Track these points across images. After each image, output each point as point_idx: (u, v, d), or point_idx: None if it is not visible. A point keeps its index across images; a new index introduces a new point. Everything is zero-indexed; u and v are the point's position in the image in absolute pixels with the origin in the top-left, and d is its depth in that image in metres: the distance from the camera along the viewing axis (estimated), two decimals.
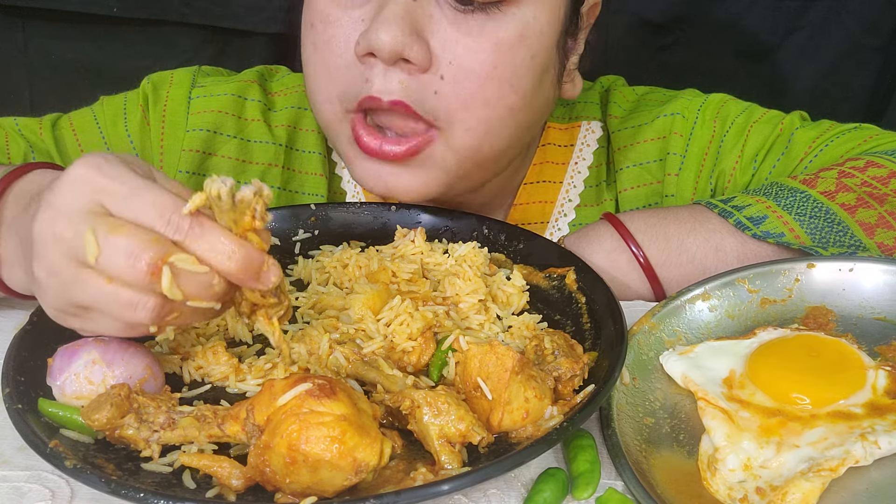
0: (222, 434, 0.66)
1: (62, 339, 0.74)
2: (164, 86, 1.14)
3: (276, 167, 1.14)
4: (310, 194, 1.16)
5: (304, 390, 0.61)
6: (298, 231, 1.00)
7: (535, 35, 0.92)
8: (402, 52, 0.87)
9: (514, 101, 0.93)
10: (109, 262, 0.62)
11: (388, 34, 0.86)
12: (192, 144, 1.12)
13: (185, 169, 1.12)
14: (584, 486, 0.67)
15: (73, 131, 1.12)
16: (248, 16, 1.73)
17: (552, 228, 1.17)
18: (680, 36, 1.75)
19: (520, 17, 0.91)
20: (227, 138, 1.14)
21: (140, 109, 1.13)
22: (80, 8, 1.72)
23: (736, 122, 1.13)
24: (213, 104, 1.14)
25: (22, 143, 1.09)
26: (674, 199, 1.15)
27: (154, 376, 0.72)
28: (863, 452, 0.67)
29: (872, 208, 0.93)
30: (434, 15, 0.89)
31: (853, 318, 0.84)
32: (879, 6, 1.68)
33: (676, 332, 0.84)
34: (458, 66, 0.90)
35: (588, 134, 1.18)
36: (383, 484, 0.64)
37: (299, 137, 1.16)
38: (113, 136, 1.12)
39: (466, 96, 0.91)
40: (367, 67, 0.90)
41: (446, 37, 0.89)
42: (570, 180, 1.16)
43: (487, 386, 0.69)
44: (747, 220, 0.93)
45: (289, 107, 1.16)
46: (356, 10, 0.91)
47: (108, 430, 0.66)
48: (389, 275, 0.88)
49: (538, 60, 0.94)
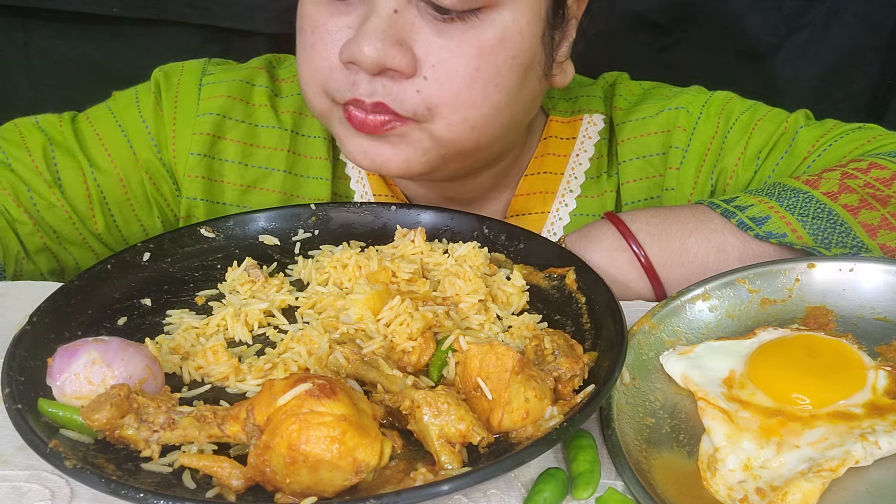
0: (222, 434, 0.66)
1: (62, 339, 0.74)
2: (175, 74, 1.17)
3: (281, 151, 1.17)
4: (314, 178, 1.18)
5: (304, 390, 0.61)
6: (298, 231, 1.00)
7: (514, 36, 0.94)
8: (385, 64, 0.91)
9: (498, 99, 0.96)
10: None
11: (370, 47, 0.89)
12: (203, 128, 1.15)
13: (197, 151, 1.15)
14: (584, 486, 0.67)
15: (90, 124, 1.15)
16: (250, 16, 1.73)
17: (553, 218, 1.18)
18: (681, 36, 1.75)
19: (499, 21, 0.93)
20: (236, 122, 1.16)
21: (152, 96, 1.16)
22: (81, 8, 1.72)
23: (740, 119, 1.14)
24: (222, 89, 1.16)
25: (40, 137, 1.12)
26: (673, 192, 1.16)
27: (154, 376, 0.72)
28: (863, 453, 0.67)
29: (875, 210, 0.93)
30: (416, 24, 0.92)
31: (853, 319, 0.84)
32: (879, 6, 1.68)
33: (676, 332, 0.84)
34: (441, 69, 0.92)
35: (590, 126, 1.19)
36: (383, 484, 0.64)
37: (305, 123, 1.19)
38: (128, 122, 1.15)
39: (450, 97, 0.93)
40: (353, 73, 0.94)
41: (429, 43, 0.92)
42: (571, 171, 1.18)
43: (487, 386, 0.69)
44: (750, 221, 0.93)
45: (295, 93, 1.19)
46: (342, 17, 0.94)
47: (107, 430, 0.65)
48: (389, 275, 0.88)
49: (520, 59, 0.96)
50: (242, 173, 1.17)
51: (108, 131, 1.15)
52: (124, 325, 0.85)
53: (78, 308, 0.83)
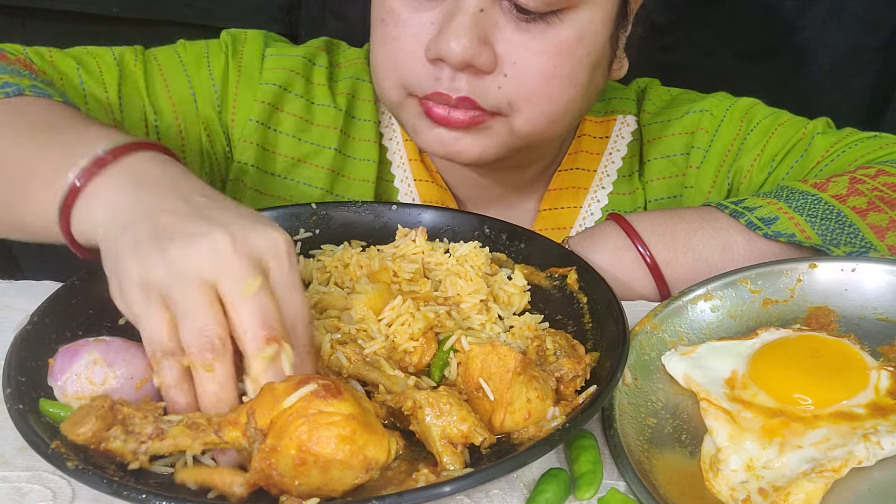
0: (220, 440, 0.64)
1: (63, 340, 0.74)
2: (240, 40, 1.20)
3: (335, 130, 1.20)
4: (362, 159, 1.21)
5: (309, 391, 0.61)
6: (299, 230, 1.00)
7: (591, 35, 0.99)
8: (471, 61, 0.94)
9: (573, 94, 1.01)
10: (186, 318, 0.65)
11: (458, 45, 0.93)
12: (264, 97, 1.17)
13: (256, 118, 1.17)
14: (587, 487, 0.67)
15: (159, 69, 1.15)
16: (249, 16, 1.73)
17: (585, 213, 1.21)
18: (680, 36, 1.74)
19: (577, 21, 0.97)
20: (295, 97, 1.19)
21: (223, 56, 1.18)
22: (80, 8, 1.72)
23: (762, 123, 1.17)
24: (285, 62, 1.19)
25: (115, 72, 1.12)
26: (692, 189, 1.19)
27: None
28: (865, 453, 0.67)
29: (883, 212, 0.93)
30: (499, 22, 0.96)
31: (856, 319, 0.84)
32: (879, 6, 1.68)
33: (678, 332, 0.84)
34: (521, 66, 0.97)
35: (623, 127, 1.23)
36: (385, 485, 0.63)
37: (357, 106, 1.22)
38: (196, 78, 1.16)
39: (529, 92, 0.98)
40: (436, 69, 0.97)
41: (511, 41, 0.96)
42: (603, 169, 1.22)
43: (489, 386, 0.69)
44: (759, 221, 0.93)
45: (349, 77, 1.22)
46: (426, 12, 0.98)
47: (93, 443, 0.64)
48: (390, 274, 0.88)
49: (594, 56, 1.01)
50: (296, 146, 1.19)
51: (177, 80, 1.16)
52: (126, 324, 0.84)
53: (79, 307, 0.83)
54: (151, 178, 0.74)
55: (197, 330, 0.64)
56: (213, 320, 0.65)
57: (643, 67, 1.34)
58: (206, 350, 0.64)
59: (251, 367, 0.65)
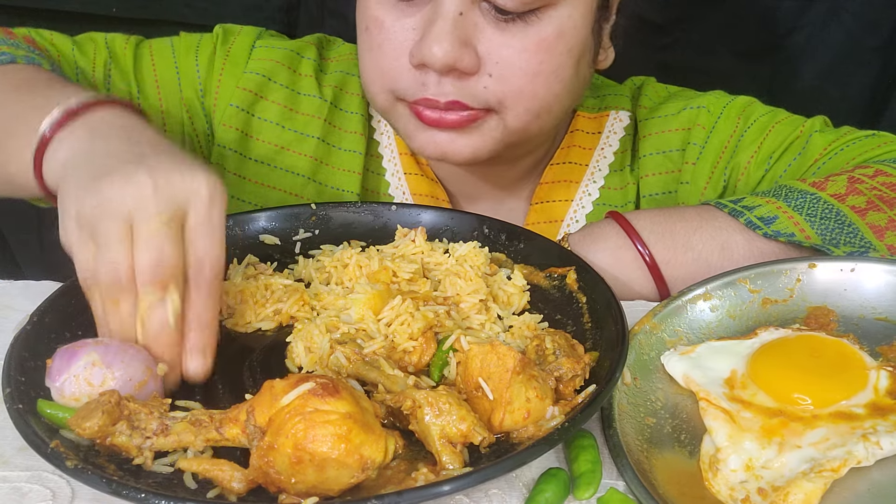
0: (220, 437, 0.65)
1: (62, 339, 0.74)
2: (233, 33, 1.24)
3: (319, 119, 1.21)
4: (346, 150, 1.22)
5: (307, 389, 0.61)
6: (299, 230, 1.00)
7: (570, 30, 1.00)
8: (454, 64, 0.96)
9: (558, 89, 1.03)
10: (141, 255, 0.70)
11: (440, 49, 0.94)
12: (247, 84, 1.20)
13: (237, 104, 1.20)
14: (586, 487, 0.67)
15: (150, 55, 1.20)
16: (247, 16, 1.73)
17: (576, 206, 1.22)
18: (680, 36, 1.74)
19: (556, 18, 0.99)
20: (279, 86, 1.21)
21: (211, 46, 1.21)
22: (80, 8, 1.72)
23: (759, 121, 1.17)
24: (273, 54, 1.22)
25: (104, 53, 1.17)
26: (688, 186, 1.19)
27: (154, 378, 0.72)
28: (865, 453, 0.67)
29: (882, 212, 0.93)
30: (479, 24, 0.97)
31: (855, 319, 0.84)
32: (879, 6, 1.68)
33: (678, 332, 0.84)
34: (504, 65, 0.98)
35: (616, 122, 1.24)
36: (385, 484, 0.63)
37: (344, 98, 1.23)
38: (184, 63, 1.20)
39: (515, 90, 1.00)
40: (422, 73, 0.99)
41: (492, 41, 0.97)
42: (595, 163, 1.23)
43: (489, 386, 0.69)
44: (758, 220, 0.93)
45: (338, 70, 1.24)
46: (407, 18, 0.99)
47: (99, 438, 0.65)
48: (390, 274, 0.88)
49: (576, 50, 1.02)
50: (279, 134, 1.20)
51: (164, 66, 1.19)
52: None
53: (78, 308, 0.83)
54: (108, 127, 0.80)
55: (107, 263, 0.70)
56: (121, 256, 0.69)
57: (642, 67, 1.34)
58: (113, 283, 0.70)
59: (139, 305, 0.70)
